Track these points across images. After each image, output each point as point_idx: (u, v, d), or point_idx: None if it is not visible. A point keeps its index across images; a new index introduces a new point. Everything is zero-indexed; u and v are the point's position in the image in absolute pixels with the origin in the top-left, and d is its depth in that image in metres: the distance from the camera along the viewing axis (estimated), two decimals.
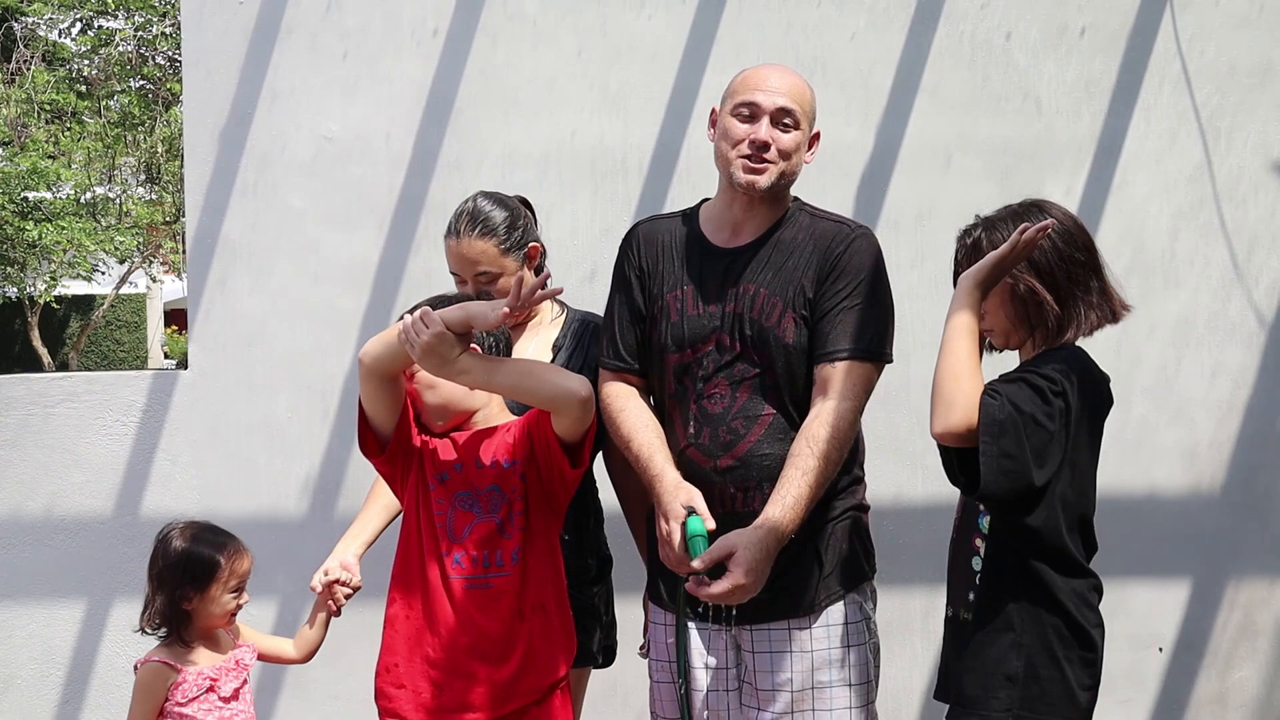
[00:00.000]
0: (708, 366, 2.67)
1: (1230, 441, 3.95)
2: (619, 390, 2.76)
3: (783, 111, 2.66)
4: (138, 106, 16.51)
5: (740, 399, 2.65)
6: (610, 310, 2.83)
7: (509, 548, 2.60)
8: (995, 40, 3.90)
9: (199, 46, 3.83)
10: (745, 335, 2.65)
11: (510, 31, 3.84)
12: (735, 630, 2.68)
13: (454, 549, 2.59)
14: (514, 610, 2.60)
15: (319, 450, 3.81)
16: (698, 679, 2.72)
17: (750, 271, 2.69)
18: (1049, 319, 2.44)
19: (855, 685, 2.69)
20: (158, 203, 17.05)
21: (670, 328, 2.70)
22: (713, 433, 2.64)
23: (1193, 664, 3.96)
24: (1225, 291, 3.94)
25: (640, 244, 2.81)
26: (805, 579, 2.66)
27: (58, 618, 3.79)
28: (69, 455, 3.78)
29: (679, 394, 2.70)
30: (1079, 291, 2.44)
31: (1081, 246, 2.47)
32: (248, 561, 2.92)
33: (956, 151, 3.89)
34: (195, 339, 3.83)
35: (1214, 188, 3.93)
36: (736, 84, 2.73)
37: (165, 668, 2.84)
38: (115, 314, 22.28)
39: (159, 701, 2.84)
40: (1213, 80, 3.92)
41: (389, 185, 3.83)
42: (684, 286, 2.72)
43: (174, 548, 2.86)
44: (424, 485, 2.63)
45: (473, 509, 2.60)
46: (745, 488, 2.63)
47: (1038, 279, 2.42)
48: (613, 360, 2.78)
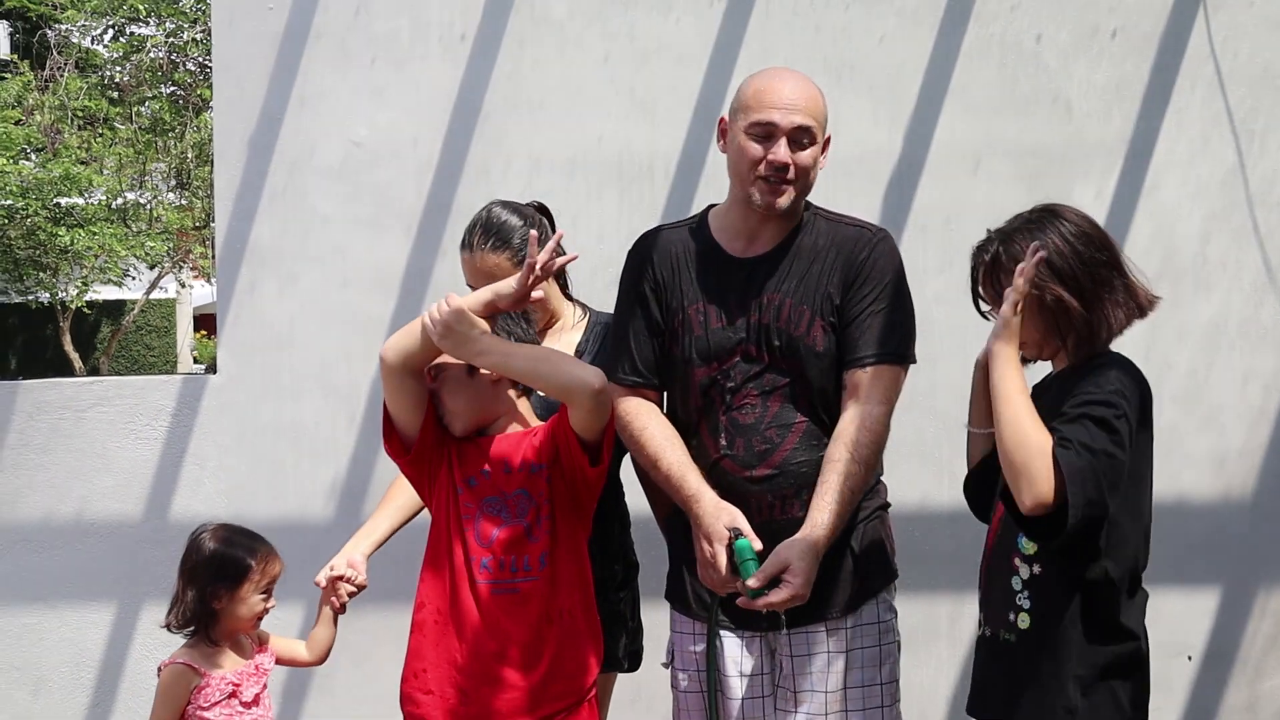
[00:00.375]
0: (735, 378, 2.65)
1: (1261, 449, 3.91)
2: (638, 407, 2.72)
3: (800, 130, 2.60)
4: (168, 112, 16.62)
5: (772, 408, 2.64)
6: (623, 324, 2.78)
7: (536, 551, 2.58)
8: (1025, 42, 3.88)
9: (229, 52, 3.85)
10: (774, 345, 2.64)
11: (538, 36, 3.85)
12: (770, 635, 2.68)
13: (482, 553, 2.58)
14: (541, 615, 2.58)
15: (346, 454, 3.82)
16: (731, 687, 2.71)
17: (773, 281, 2.67)
18: (1078, 325, 2.41)
19: (885, 684, 2.71)
20: (188, 208, 17.16)
21: (694, 342, 2.68)
22: (746, 443, 2.63)
23: (1222, 673, 3.92)
24: (1257, 296, 3.90)
25: (652, 256, 2.77)
26: (840, 580, 2.68)
27: (88, 620, 3.81)
28: (99, 459, 3.80)
29: (705, 407, 2.68)
30: (1104, 292, 2.42)
31: (1100, 246, 2.45)
32: (278, 565, 2.96)
33: (985, 155, 3.87)
34: (224, 344, 3.86)
35: (1247, 191, 3.90)
36: (748, 96, 2.65)
37: (189, 670, 2.86)
38: (145, 319, 22.42)
39: (181, 704, 2.86)
40: (1246, 82, 3.89)
41: (417, 190, 3.84)
42: (705, 300, 2.69)
43: (207, 547, 2.90)
44: (453, 489, 2.63)
45: (500, 513, 2.58)
46: (783, 496, 2.63)
47: (1063, 287, 2.39)
48: (630, 376, 2.74)
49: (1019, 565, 2.41)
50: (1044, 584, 2.38)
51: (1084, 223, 2.47)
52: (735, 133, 2.66)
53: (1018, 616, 2.40)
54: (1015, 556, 2.41)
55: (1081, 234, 2.44)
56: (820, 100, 2.67)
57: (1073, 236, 2.42)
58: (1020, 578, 2.40)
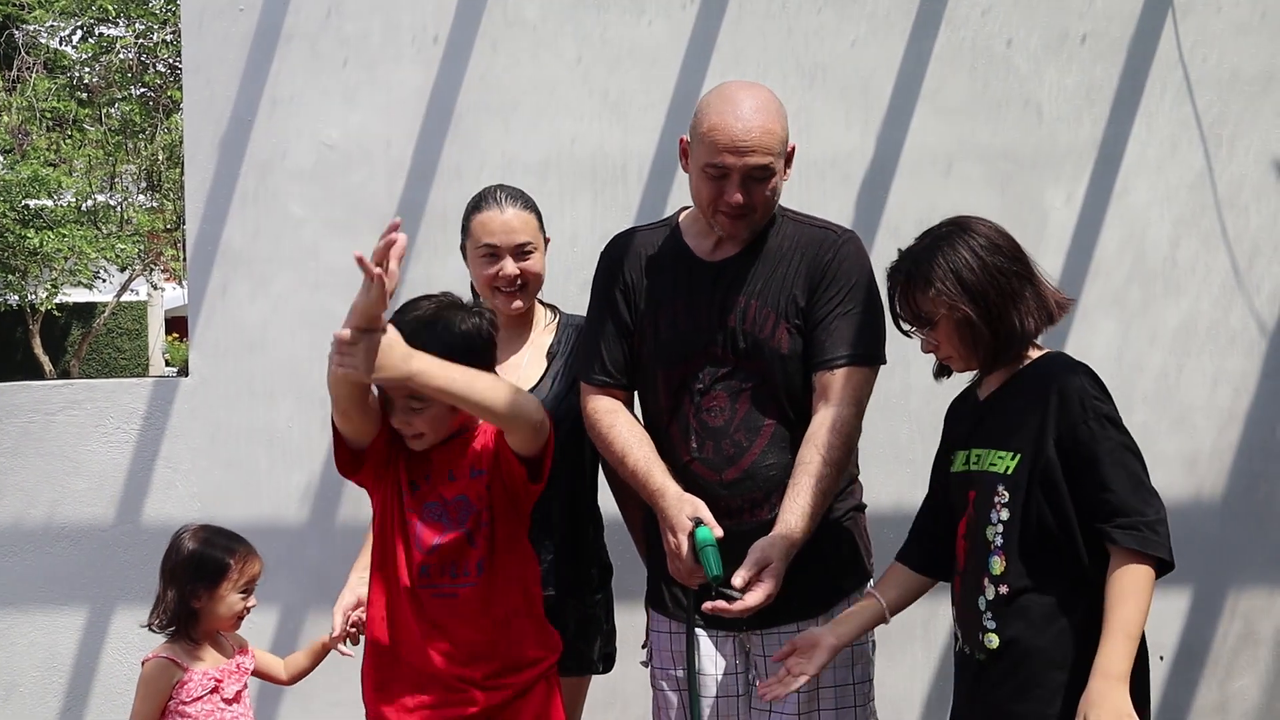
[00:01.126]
0: (704, 380, 2.67)
1: (1231, 450, 3.94)
2: (606, 405, 2.74)
3: (756, 170, 2.56)
4: (139, 114, 16.51)
5: (740, 411, 2.65)
6: (594, 326, 2.80)
7: (474, 558, 2.57)
8: (996, 47, 3.90)
9: (199, 54, 3.83)
10: (740, 348, 2.65)
11: (510, 38, 3.85)
12: (745, 634, 2.70)
13: (421, 559, 2.57)
14: (481, 617, 2.58)
15: (320, 457, 3.81)
16: (707, 685, 2.72)
17: (740, 284, 2.68)
18: (986, 340, 2.42)
19: (858, 684, 2.73)
20: (159, 210, 17.05)
21: (662, 344, 2.70)
22: (716, 445, 2.65)
23: (1193, 673, 3.95)
24: (1226, 299, 3.94)
25: (623, 258, 2.79)
26: (814, 580, 2.68)
27: (60, 625, 3.79)
28: (70, 463, 3.78)
29: (674, 408, 2.69)
30: (1012, 304, 2.42)
31: (1010, 256, 2.45)
32: (258, 565, 2.99)
33: (957, 158, 3.89)
34: (196, 346, 3.84)
35: (1215, 195, 3.93)
36: (704, 131, 2.57)
37: (171, 665, 2.89)
38: (116, 321, 22.29)
39: (163, 698, 2.88)
40: (1214, 88, 3.92)
41: (389, 192, 3.83)
42: (674, 301, 2.71)
43: (186, 547, 2.94)
44: (398, 490, 2.60)
45: (441, 518, 2.57)
46: (752, 500, 2.64)
47: (970, 303, 2.40)
48: (600, 376, 2.75)
49: (986, 585, 2.40)
50: (1010, 604, 2.36)
51: (994, 234, 2.47)
52: (694, 161, 2.64)
53: (984, 636, 2.40)
54: (984, 576, 2.41)
55: (991, 246, 2.44)
56: (778, 127, 2.59)
57: (982, 250, 2.42)
58: (985, 598, 2.40)
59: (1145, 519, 2.29)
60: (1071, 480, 2.33)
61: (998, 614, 2.38)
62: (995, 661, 2.38)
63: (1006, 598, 2.37)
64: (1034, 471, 2.35)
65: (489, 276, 2.95)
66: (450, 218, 3.81)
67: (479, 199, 3.01)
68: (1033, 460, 2.35)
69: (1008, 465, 2.39)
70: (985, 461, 2.45)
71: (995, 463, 2.42)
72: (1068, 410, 2.34)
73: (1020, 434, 2.39)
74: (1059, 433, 2.34)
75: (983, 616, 2.40)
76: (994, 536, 2.39)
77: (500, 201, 2.97)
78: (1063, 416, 2.34)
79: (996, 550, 2.39)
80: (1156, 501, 2.32)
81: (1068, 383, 2.37)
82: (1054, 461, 2.34)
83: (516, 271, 2.94)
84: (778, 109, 2.61)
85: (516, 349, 3.00)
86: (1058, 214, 3.90)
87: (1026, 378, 2.45)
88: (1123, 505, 2.29)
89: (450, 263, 3.80)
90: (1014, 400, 2.45)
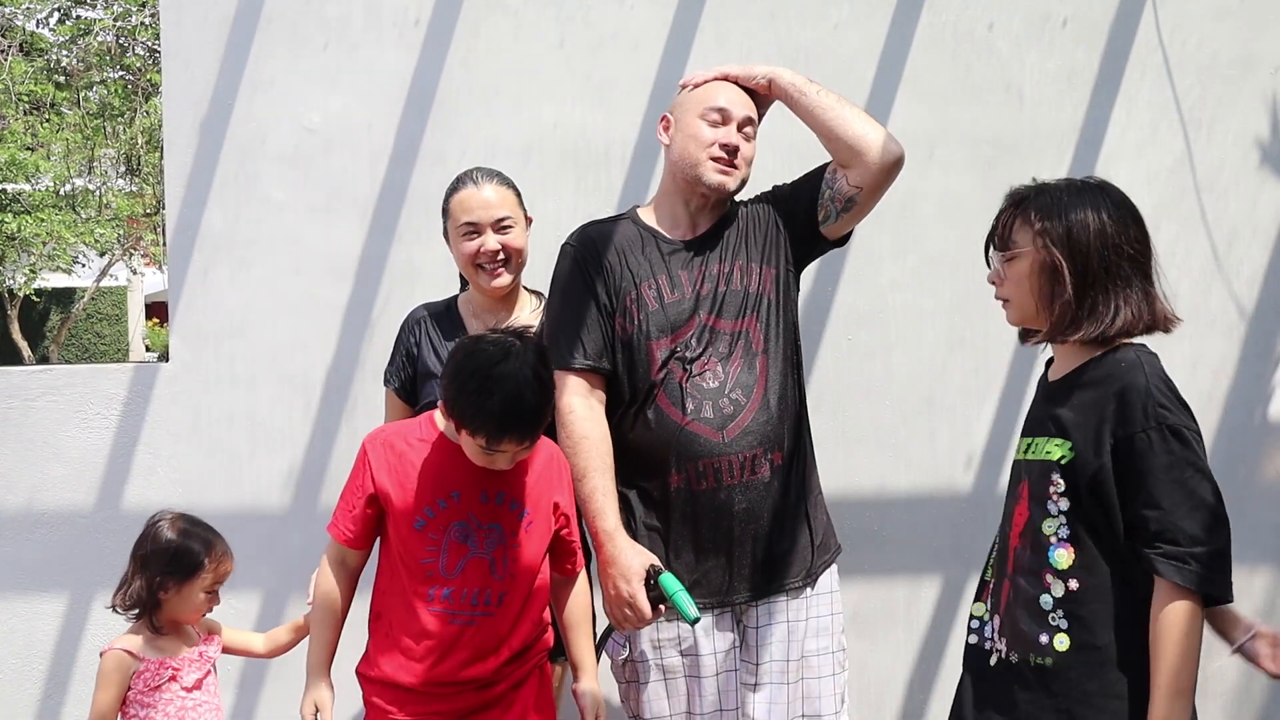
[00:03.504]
0: (695, 346, 2.74)
1: (1210, 433, 3.96)
2: (585, 412, 2.75)
3: (747, 120, 2.84)
4: (117, 97, 16.41)
5: (733, 371, 2.74)
6: (565, 311, 2.82)
7: (497, 590, 2.54)
8: (977, 31, 3.90)
9: (178, 36, 3.81)
10: (727, 308, 2.76)
11: (492, 21, 3.83)
12: (740, 606, 2.76)
13: (444, 584, 2.52)
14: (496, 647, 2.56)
15: (301, 442, 3.80)
16: (705, 666, 2.76)
17: (718, 251, 2.82)
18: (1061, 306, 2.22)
19: (836, 652, 2.84)
20: (138, 195, 16.96)
21: (650, 316, 2.76)
22: (714, 405, 2.71)
23: None
24: (1206, 283, 3.96)
25: (594, 245, 2.86)
26: (800, 549, 2.79)
27: (39, 611, 3.77)
28: (49, 449, 3.76)
29: (666, 378, 2.74)
30: (1114, 285, 2.22)
31: (1133, 239, 2.25)
32: (230, 565, 2.97)
33: (939, 142, 3.90)
34: (176, 331, 3.82)
35: (1195, 179, 3.95)
36: (698, 94, 2.86)
37: (126, 656, 2.88)
38: (96, 307, 22.18)
39: (121, 690, 2.88)
40: (1194, 72, 3.94)
41: (371, 176, 3.82)
42: (656, 276, 2.80)
43: (164, 536, 2.91)
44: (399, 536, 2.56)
45: (466, 541, 2.52)
46: (753, 455, 2.71)
47: (1067, 256, 2.20)
48: (581, 360, 2.77)
49: (1051, 582, 2.20)
50: (1082, 602, 2.17)
51: (1126, 209, 2.27)
52: (686, 120, 2.83)
53: (1054, 638, 2.19)
54: (1046, 573, 2.20)
55: (1120, 218, 2.24)
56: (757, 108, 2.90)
57: (1109, 217, 2.23)
58: (1052, 595, 2.20)
59: (1193, 550, 2.08)
60: (1122, 493, 2.14)
61: (1070, 613, 2.18)
62: (1066, 665, 2.17)
63: (1078, 594, 2.17)
64: (1084, 474, 2.17)
65: (471, 253, 2.98)
66: (432, 202, 3.79)
67: (456, 181, 3.08)
68: (1086, 461, 2.17)
69: (1063, 454, 2.20)
70: (1041, 450, 2.26)
71: (1051, 450, 2.23)
72: (1128, 414, 2.14)
73: (1076, 429, 2.20)
74: (1115, 438, 2.14)
75: (1049, 616, 2.20)
76: (1056, 528, 2.20)
77: (477, 180, 3.04)
78: (1120, 421, 2.14)
79: (1061, 542, 2.20)
80: (1216, 529, 2.11)
81: (1132, 383, 2.16)
82: (1108, 469, 2.15)
83: (498, 246, 2.97)
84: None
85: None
86: None
87: (1095, 370, 2.24)
88: (1168, 529, 2.09)
89: (433, 247, 3.79)
90: (1077, 393, 2.23)
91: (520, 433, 2.39)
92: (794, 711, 2.77)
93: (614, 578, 2.64)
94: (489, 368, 2.35)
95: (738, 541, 2.72)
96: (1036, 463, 2.25)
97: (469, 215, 2.98)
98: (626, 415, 2.77)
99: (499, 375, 2.34)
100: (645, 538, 2.75)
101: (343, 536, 2.62)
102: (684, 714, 2.78)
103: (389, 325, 3.76)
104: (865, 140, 2.76)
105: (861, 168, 2.76)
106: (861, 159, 2.76)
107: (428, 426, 2.59)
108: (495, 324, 2.98)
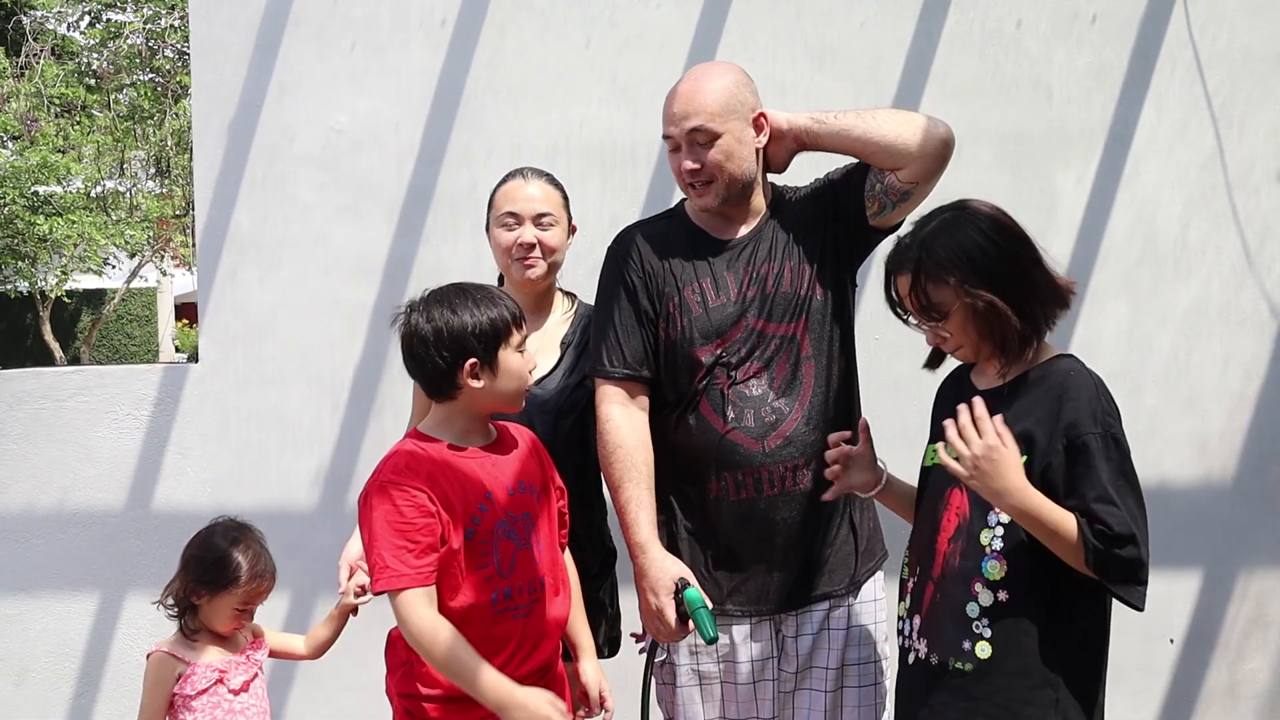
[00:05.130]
0: (739, 352, 2.68)
1: (1242, 432, 3.93)
2: (621, 419, 2.70)
3: (695, 133, 2.67)
4: (147, 100, 16.54)
5: (778, 378, 2.68)
6: (608, 319, 2.78)
7: (539, 574, 2.56)
8: (1006, 28, 3.88)
9: (207, 39, 3.83)
10: (775, 311, 2.68)
11: (518, 22, 3.84)
12: (779, 616, 2.73)
13: (502, 584, 2.50)
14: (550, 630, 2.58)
15: (329, 442, 3.82)
16: (740, 673, 2.74)
17: (764, 253, 2.73)
18: (1010, 331, 2.27)
19: (876, 662, 2.78)
20: (167, 196, 17.07)
21: (694, 321, 2.70)
22: (755, 414, 2.67)
23: (1204, 655, 3.95)
24: (1237, 281, 3.92)
25: (636, 248, 2.79)
26: (844, 558, 2.74)
27: (71, 610, 3.80)
28: (81, 449, 3.79)
29: (708, 384, 2.69)
30: (1030, 289, 2.28)
31: (1017, 238, 2.31)
32: (265, 590, 2.96)
33: (967, 141, 3.85)
34: (205, 332, 3.84)
35: (1226, 176, 3.91)
36: (663, 109, 2.76)
37: (170, 658, 2.89)
38: (126, 308, 22.34)
39: (167, 691, 2.88)
40: (1225, 68, 3.90)
41: (398, 176, 3.83)
42: (700, 280, 2.72)
43: (211, 542, 2.93)
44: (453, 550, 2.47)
45: (511, 537, 2.51)
46: (794, 466, 2.67)
47: (993, 290, 2.26)
48: (620, 369, 2.74)
49: (979, 590, 2.27)
50: (1008, 612, 2.25)
51: (998, 214, 2.34)
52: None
53: (975, 645, 2.27)
54: (976, 581, 2.27)
55: (999, 228, 2.30)
56: (718, 91, 2.69)
57: (992, 232, 2.28)
58: (979, 604, 2.27)
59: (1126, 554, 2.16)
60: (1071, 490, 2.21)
61: (994, 621, 2.26)
62: (985, 673, 2.26)
63: (1005, 605, 2.25)
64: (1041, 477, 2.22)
65: (507, 244, 2.95)
66: (459, 202, 3.81)
67: (506, 175, 3.04)
68: (1041, 466, 2.23)
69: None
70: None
71: None
72: (1080, 419, 2.21)
73: (1026, 437, 2.24)
74: (1068, 439, 2.21)
75: (974, 623, 2.27)
76: (991, 540, 2.27)
77: (526, 175, 3.01)
78: (1074, 424, 2.21)
79: (995, 554, 2.27)
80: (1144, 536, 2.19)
81: (1081, 389, 2.24)
82: (1055, 469, 2.22)
83: (534, 240, 2.93)
84: (719, 75, 2.73)
85: (534, 334, 2.97)
86: (1068, 196, 3.89)
87: (1039, 378, 2.30)
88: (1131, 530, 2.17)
89: (460, 246, 3.80)
90: (1022, 400, 2.29)
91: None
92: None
93: (645, 590, 2.63)
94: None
95: (778, 551, 2.68)
96: None
97: (511, 205, 2.95)
98: (670, 418, 2.73)
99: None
100: (685, 542, 2.72)
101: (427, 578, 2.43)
102: (718, 719, 2.76)
103: None
104: (901, 141, 2.60)
105: (910, 166, 2.62)
106: (906, 159, 2.62)
107: (431, 442, 2.55)
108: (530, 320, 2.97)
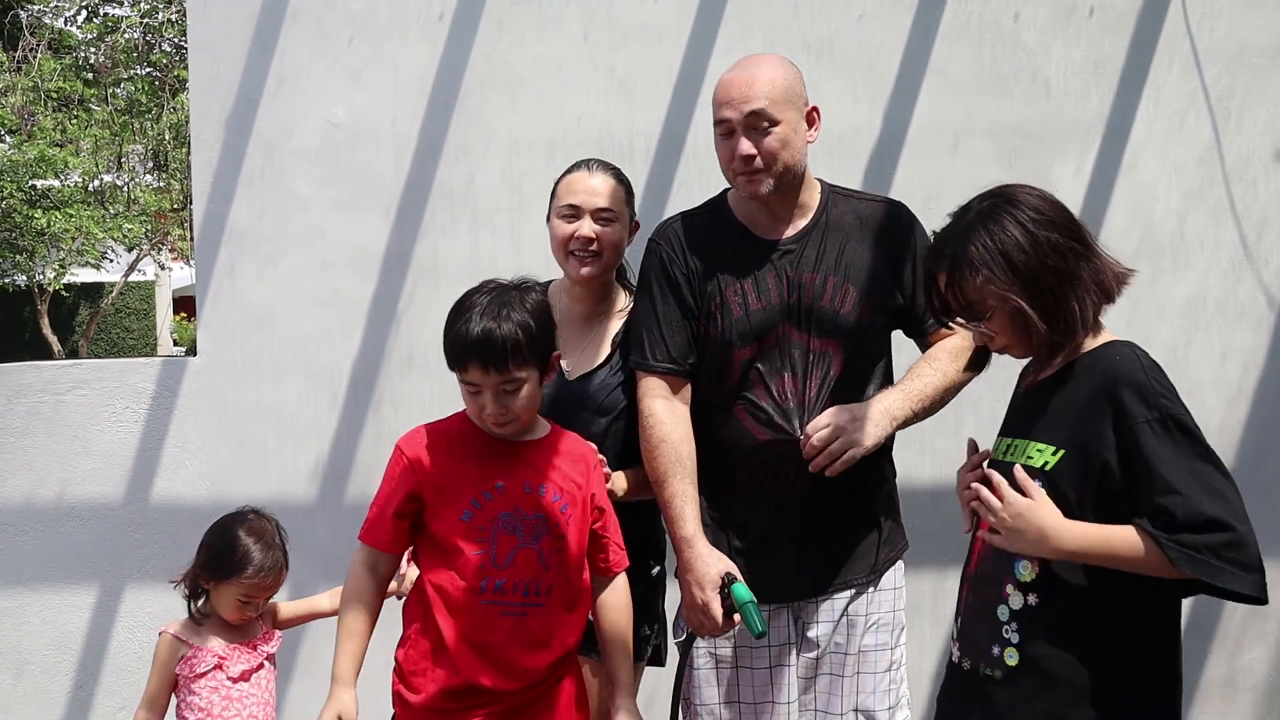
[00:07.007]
0: (776, 358, 2.68)
1: (1240, 424, 3.94)
2: (665, 414, 2.70)
3: (754, 116, 2.62)
4: (144, 93, 16.50)
5: (814, 385, 2.68)
6: (650, 311, 2.76)
7: (546, 581, 2.52)
8: (1003, 21, 3.88)
9: (204, 32, 3.83)
10: (814, 322, 2.67)
11: (516, 15, 3.84)
12: (799, 604, 2.75)
13: (496, 575, 2.49)
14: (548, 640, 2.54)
15: (328, 436, 3.82)
16: (758, 656, 2.76)
17: (810, 260, 2.70)
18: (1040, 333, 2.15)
19: (894, 649, 2.81)
20: (165, 190, 17.05)
21: (735, 324, 2.69)
22: (784, 413, 2.67)
23: (1202, 647, 3.96)
24: (1235, 273, 3.93)
25: (680, 243, 2.77)
26: (867, 545, 2.77)
27: (70, 603, 3.81)
28: (79, 442, 3.79)
29: (743, 386, 2.69)
30: (1068, 287, 2.13)
31: (1064, 228, 2.16)
32: (270, 587, 2.98)
33: (964, 133, 3.88)
34: (204, 326, 3.84)
35: (1223, 169, 3.92)
36: (714, 97, 2.70)
37: (175, 640, 2.96)
38: (124, 301, 22.34)
39: (170, 672, 2.95)
40: (1222, 60, 3.91)
41: (396, 170, 3.83)
42: (743, 281, 2.71)
43: (226, 529, 2.98)
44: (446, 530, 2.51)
45: (515, 532, 2.50)
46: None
47: (1023, 293, 2.12)
48: (663, 363, 2.73)
49: (1010, 593, 2.15)
50: (1040, 617, 2.12)
51: (1043, 204, 2.18)
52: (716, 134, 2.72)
53: (1004, 652, 2.15)
54: (1008, 583, 2.16)
55: (1043, 220, 2.15)
56: (780, 79, 2.66)
57: (1033, 225, 2.13)
58: (1009, 607, 2.16)
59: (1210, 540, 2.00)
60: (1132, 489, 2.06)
61: (1024, 627, 2.13)
62: (1012, 681, 2.14)
63: (1036, 609, 2.13)
64: (1086, 475, 2.09)
65: (565, 237, 2.90)
66: (456, 195, 3.81)
67: (572, 165, 3.00)
68: (1083, 463, 2.09)
69: (1046, 460, 2.13)
70: (1020, 453, 2.18)
71: (1033, 455, 2.15)
72: (1127, 409, 2.06)
73: (1067, 429, 2.12)
74: (1119, 438, 2.06)
75: (1004, 628, 2.16)
76: None
77: (591, 167, 2.97)
78: (1121, 415, 2.06)
79: (1027, 555, 2.14)
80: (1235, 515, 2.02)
81: (1129, 375, 2.10)
82: (1112, 469, 2.07)
83: (592, 234, 2.88)
84: (778, 65, 2.70)
85: (586, 328, 2.97)
86: (1065, 188, 3.89)
87: (1082, 367, 2.16)
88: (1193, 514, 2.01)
89: (458, 240, 3.80)
90: (1064, 391, 2.16)
91: (483, 356, 2.41)
92: (848, 705, 2.75)
93: (690, 584, 2.63)
94: (466, 299, 2.50)
95: (801, 542, 2.70)
96: (1015, 467, 2.18)
97: (573, 197, 2.91)
98: (704, 411, 2.74)
99: (470, 304, 2.48)
100: (709, 529, 2.72)
101: (379, 541, 2.56)
102: (728, 703, 2.77)
103: (414, 318, 3.78)
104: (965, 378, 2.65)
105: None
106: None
107: (464, 421, 2.59)
108: (583, 313, 2.96)
